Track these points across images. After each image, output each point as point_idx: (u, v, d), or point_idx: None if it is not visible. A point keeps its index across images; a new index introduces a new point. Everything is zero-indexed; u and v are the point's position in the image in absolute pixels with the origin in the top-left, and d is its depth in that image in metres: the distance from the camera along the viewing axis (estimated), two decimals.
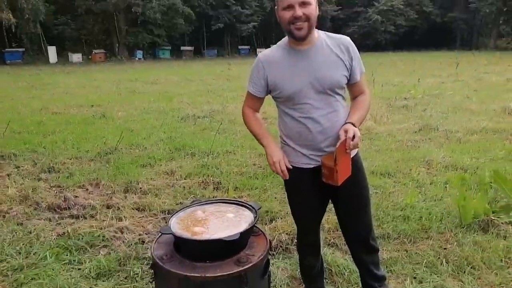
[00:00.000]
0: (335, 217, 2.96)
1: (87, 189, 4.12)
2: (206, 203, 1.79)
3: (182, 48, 35.69)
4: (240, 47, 38.69)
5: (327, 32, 1.85)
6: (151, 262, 1.59)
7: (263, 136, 1.91)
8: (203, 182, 4.21)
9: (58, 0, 32.59)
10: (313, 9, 1.69)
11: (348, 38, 1.84)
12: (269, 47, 1.96)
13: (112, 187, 4.10)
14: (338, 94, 1.82)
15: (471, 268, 2.53)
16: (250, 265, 1.48)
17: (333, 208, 2.11)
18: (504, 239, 2.85)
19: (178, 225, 1.60)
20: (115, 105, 9.34)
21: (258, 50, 37.63)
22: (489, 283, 2.39)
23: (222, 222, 1.63)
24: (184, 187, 4.08)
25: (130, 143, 5.76)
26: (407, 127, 6.58)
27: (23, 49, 28.64)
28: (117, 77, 16.85)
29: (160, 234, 1.67)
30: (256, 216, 1.62)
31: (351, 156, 1.81)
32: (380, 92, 10.25)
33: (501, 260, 2.60)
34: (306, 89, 1.76)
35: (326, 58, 1.77)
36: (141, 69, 22.45)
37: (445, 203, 3.48)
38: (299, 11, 1.65)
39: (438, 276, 2.47)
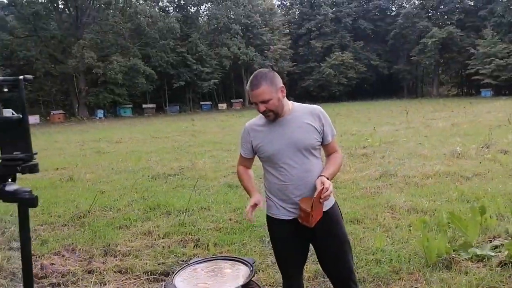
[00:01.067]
0: (313, 266, 3.19)
1: (63, 256, 4.06)
2: (204, 261, 1.96)
3: (144, 106, 36.02)
4: (202, 102, 39.65)
5: (301, 104, 2.19)
6: None
7: (250, 190, 2.19)
8: (182, 240, 4.28)
9: (14, 64, 32.40)
10: (274, 103, 2.01)
11: (319, 107, 2.16)
12: (230, 102, 2.31)
13: (90, 252, 4.07)
14: (312, 155, 2.10)
15: None
16: None
17: (311, 257, 2.31)
18: (466, 275, 3.14)
19: (182, 283, 1.74)
20: (81, 167, 9.25)
21: (219, 105, 38.65)
22: None
23: (221, 277, 1.80)
24: (163, 247, 4.13)
25: (103, 205, 5.74)
26: (369, 174, 7.02)
27: None
28: (80, 138, 16.66)
29: None
30: (252, 270, 1.80)
31: (331, 205, 2.14)
32: (340, 142, 10.87)
33: None
34: (283, 151, 2.06)
35: (300, 125, 2.08)
36: (103, 128, 22.33)
37: (411, 245, 3.77)
38: (261, 107, 2.01)
39: None
